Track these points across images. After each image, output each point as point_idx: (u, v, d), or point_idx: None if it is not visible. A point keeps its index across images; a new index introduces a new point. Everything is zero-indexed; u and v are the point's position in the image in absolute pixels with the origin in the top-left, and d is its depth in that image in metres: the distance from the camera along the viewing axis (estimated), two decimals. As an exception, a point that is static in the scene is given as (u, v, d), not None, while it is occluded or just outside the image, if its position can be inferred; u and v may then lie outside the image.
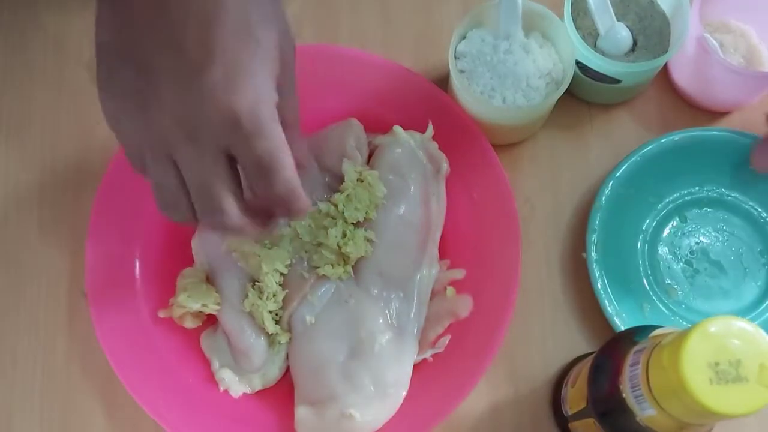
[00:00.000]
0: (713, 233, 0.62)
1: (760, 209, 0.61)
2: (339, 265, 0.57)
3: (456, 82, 0.58)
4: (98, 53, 0.44)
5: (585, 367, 0.49)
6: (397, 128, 0.60)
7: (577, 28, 0.58)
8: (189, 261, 0.59)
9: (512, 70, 0.58)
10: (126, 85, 0.43)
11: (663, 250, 0.61)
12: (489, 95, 0.58)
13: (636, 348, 0.43)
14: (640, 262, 0.60)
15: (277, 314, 0.57)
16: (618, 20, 0.60)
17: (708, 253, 0.61)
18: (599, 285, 0.58)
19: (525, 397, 0.59)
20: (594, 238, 0.59)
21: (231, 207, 0.43)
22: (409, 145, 0.59)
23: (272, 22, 0.43)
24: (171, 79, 0.41)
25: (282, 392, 0.57)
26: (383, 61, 0.61)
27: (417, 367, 0.56)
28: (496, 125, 0.59)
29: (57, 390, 0.59)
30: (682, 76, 0.63)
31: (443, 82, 0.63)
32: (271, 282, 0.56)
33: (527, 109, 0.58)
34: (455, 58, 0.59)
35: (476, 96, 0.57)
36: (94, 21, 0.45)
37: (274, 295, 0.56)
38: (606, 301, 0.58)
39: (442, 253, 0.59)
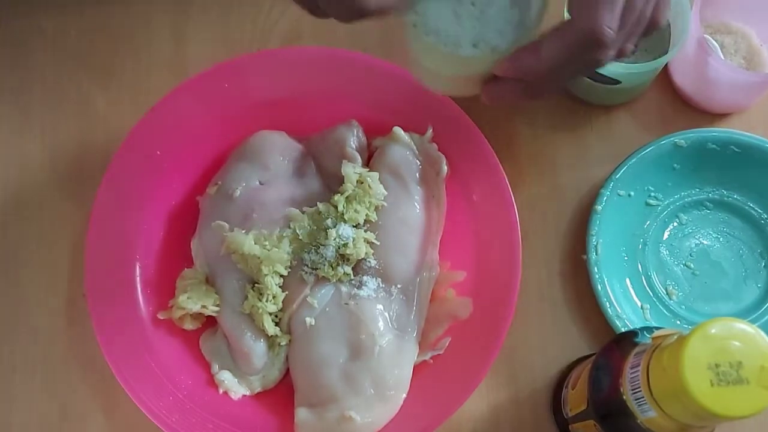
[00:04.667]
0: (713, 235, 0.61)
1: (760, 210, 0.61)
2: (339, 266, 0.57)
3: (411, 40, 0.48)
4: None
5: (585, 368, 0.49)
6: (397, 129, 0.60)
7: (578, 30, 0.58)
8: (189, 262, 0.59)
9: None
10: None
11: (663, 251, 0.61)
12: (454, 45, 0.47)
13: (636, 350, 0.42)
14: (641, 264, 0.60)
15: (276, 316, 0.57)
16: (618, 21, 0.60)
17: (708, 254, 0.61)
18: (599, 287, 0.58)
19: (525, 399, 0.58)
20: (594, 239, 0.59)
21: None
22: (408, 147, 0.59)
23: None
24: None
25: (282, 394, 0.57)
26: (383, 63, 0.61)
27: (417, 369, 0.56)
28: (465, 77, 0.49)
29: (56, 391, 0.59)
30: (682, 78, 0.63)
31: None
32: (270, 284, 0.56)
33: (507, 48, 0.46)
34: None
35: (443, 51, 0.47)
36: (91, 22, 0.44)
37: (273, 297, 0.56)
38: (606, 303, 0.58)
39: (442, 255, 0.59)
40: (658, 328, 0.45)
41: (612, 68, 0.58)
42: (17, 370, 0.60)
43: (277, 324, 0.57)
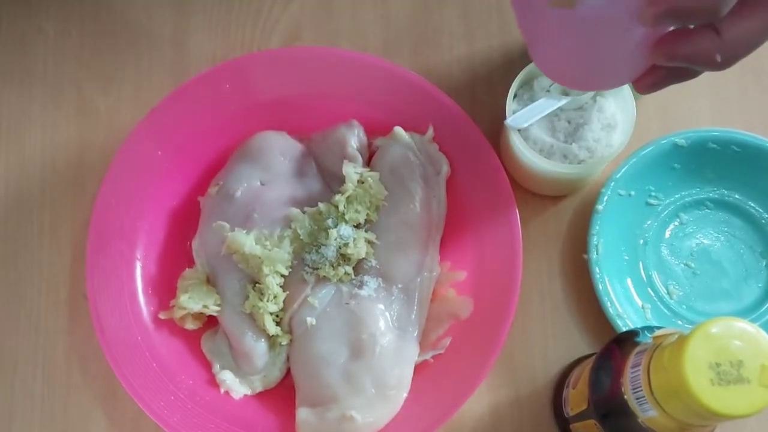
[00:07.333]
0: (714, 234, 0.61)
1: (760, 210, 0.61)
2: (340, 266, 0.57)
3: (515, 141, 0.55)
4: None
5: (586, 368, 0.49)
6: (398, 129, 0.60)
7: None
8: (189, 262, 0.59)
9: (579, 125, 0.56)
10: None
11: (664, 251, 0.61)
12: (548, 152, 0.56)
13: (637, 349, 0.43)
14: (641, 264, 0.60)
15: (277, 316, 0.57)
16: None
17: (709, 254, 0.61)
18: (600, 286, 0.58)
19: (526, 399, 0.59)
20: (595, 239, 0.59)
21: None
22: (409, 147, 0.59)
23: None
24: None
25: (283, 394, 0.57)
26: (383, 62, 0.61)
27: (418, 368, 0.56)
28: (550, 179, 0.58)
29: (57, 392, 0.59)
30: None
31: (443, 83, 0.62)
32: (271, 284, 0.56)
33: (591, 163, 0.55)
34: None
35: (535, 155, 0.55)
36: (92, 22, 0.44)
37: (274, 297, 0.56)
38: (607, 303, 0.58)
39: (443, 255, 0.59)
40: (658, 328, 0.45)
41: None
42: (18, 370, 0.60)
43: (278, 324, 0.57)
